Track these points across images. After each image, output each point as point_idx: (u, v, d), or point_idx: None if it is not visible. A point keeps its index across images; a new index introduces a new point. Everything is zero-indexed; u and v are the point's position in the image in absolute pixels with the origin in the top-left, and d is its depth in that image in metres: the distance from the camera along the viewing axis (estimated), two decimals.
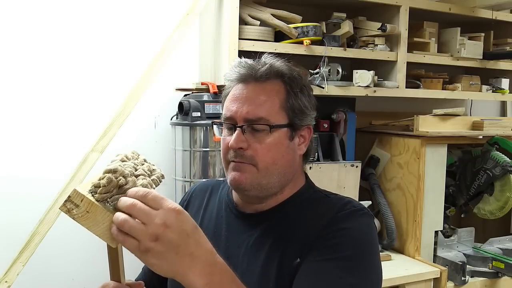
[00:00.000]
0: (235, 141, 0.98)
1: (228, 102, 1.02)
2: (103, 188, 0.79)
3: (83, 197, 0.78)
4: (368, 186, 2.35)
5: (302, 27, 2.03)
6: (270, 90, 1.01)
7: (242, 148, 0.98)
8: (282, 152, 1.01)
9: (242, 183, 0.99)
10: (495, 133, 2.34)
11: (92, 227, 0.79)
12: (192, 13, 1.96)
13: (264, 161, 0.99)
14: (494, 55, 2.58)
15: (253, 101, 0.99)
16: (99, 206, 0.78)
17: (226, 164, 1.03)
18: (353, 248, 0.93)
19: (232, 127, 1.01)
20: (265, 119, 0.99)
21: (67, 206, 0.79)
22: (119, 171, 0.82)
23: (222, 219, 1.10)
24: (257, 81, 1.01)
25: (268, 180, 1.00)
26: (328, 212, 0.99)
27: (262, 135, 0.99)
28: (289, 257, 0.97)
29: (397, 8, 2.23)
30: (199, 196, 1.20)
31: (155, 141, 2.14)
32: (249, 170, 0.99)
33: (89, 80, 2.03)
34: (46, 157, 1.98)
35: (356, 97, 2.35)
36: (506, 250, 2.36)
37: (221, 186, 1.19)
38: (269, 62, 1.03)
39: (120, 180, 0.81)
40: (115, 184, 0.80)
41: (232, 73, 1.04)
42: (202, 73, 2.17)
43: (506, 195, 2.26)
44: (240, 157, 0.99)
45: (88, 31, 2.01)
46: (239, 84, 1.03)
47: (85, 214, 0.78)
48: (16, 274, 1.71)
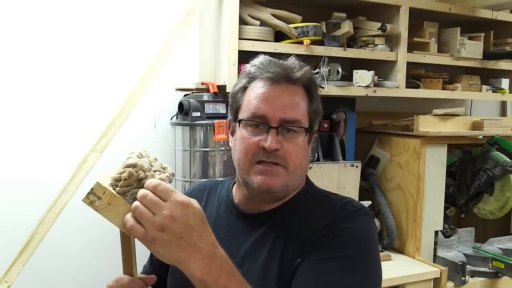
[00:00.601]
0: (273, 142, 0.97)
1: (258, 101, 1.00)
2: (124, 182, 0.83)
3: (106, 189, 0.81)
4: (368, 186, 2.35)
5: (302, 27, 2.03)
6: (299, 93, 1.02)
7: (277, 150, 0.97)
8: (305, 155, 1.04)
9: (274, 187, 0.99)
10: (495, 133, 2.34)
11: (113, 218, 0.82)
12: (192, 13, 1.96)
13: (294, 163, 0.99)
14: (494, 55, 2.58)
15: (289, 103, 0.99)
16: (121, 198, 0.82)
17: (250, 165, 0.99)
18: (353, 248, 0.93)
19: (263, 126, 0.99)
20: (300, 121, 1.00)
21: (90, 198, 0.81)
22: (139, 166, 0.85)
23: (222, 219, 1.10)
24: (288, 83, 1.01)
25: (294, 182, 1.02)
26: (329, 212, 0.99)
27: (294, 137, 1.00)
28: (290, 256, 0.97)
29: (397, 8, 2.23)
30: (196, 196, 1.18)
31: (155, 141, 2.14)
32: (280, 172, 0.99)
33: (89, 80, 2.03)
34: (46, 157, 1.98)
35: (356, 97, 2.35)
36: (506, 250, 2.36)
37: (219, 186, 1.19)
38: (304, 67, 1.04)
39: (140, 174, 0.84)
40: (135, 178, 0.84)
41: (261, 70, 1.02)
42: (202, 73, 2.17)
43: (506, 195, 2.26)
44: (273, 158, 0.98)
45: (88, 31, 2.01)
46: (268, 82, 1.01)
47: (107, 206, 0.81)
48: (16, 274, 1.71)
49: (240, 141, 1.01)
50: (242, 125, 1.01)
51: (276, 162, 0.98)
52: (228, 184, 1.17)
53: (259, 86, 1.01)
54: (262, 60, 1.04)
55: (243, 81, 1.05)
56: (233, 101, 1.06)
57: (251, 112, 1.00)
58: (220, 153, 1.92)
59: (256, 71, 1.03)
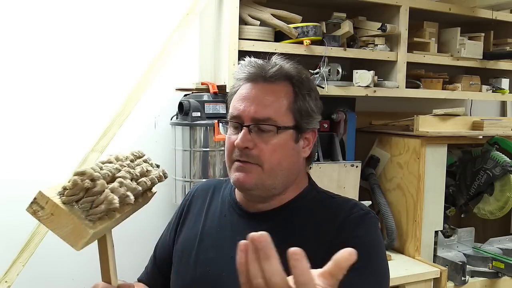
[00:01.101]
0: (242, 140, 0.98)
1: (236, 101, 1.02)
2: (69, 191, 0.80)
3: (48, 199, 0.79)
4: (368, 186, 2.35)
5: (302, 27, 2.03)
6: (279, 91, 1.01)
7: (248, 148, 0.98)
8: (287, 154, 1.01)
9: (246, 184, 0.99)
10: (495, 133, 2.34)
11: (56, 229, 0.79)
12: (192, 13, 1.96)
13: (269, 161, 0.99)
14: (494, 55, 2.58)
15: (261, 101, 0.99)
16: (64, 209, 0.79)
17: (230, 163, 1.02)
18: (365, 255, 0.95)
19: (239, 126, 1.00)
20: (273, 119, 0.99)
21: (33, 208, 0.79)
22: (88, 174, 0.82)
23: (226, 218, 1.10)
24: (265, 82, 1.01)
25: (273, 181, 1.01)
26: (337, 216, 1.00)
27: (268, 135, 0.99)
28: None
29: (397, 8, 2.23)
30: (201, 196, 1.20)
31: (155, 141, 2.14)
32: (254, 170, 0.99)
33: (89, 80, 2.03)
34: (46, 157, 1.98)
35: (356, 97, 2.34)
36: (506, 250, 2.36)
37: (223, 185, 1.19)
38: (279, 63, 1.03)
39: (86, 183, 0.81)
40: (81, 187, 0.81)
41: (241, 72, 1.04)
42: (202, 73, 2.17)
43: (506, 195, 2.26)
44: (245, 157, 0.99)
45: (88, 31, 2.01)
46: (248, 83, 1.02)
47: (49, 216, 0.79)
48: (16, 274, 1.71)
49: (225, 141, 1.05)
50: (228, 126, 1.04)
51: (249, 161, 0.98)
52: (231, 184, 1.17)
53: (242, 87, 1.03)
54: (244, 62, 1.06)
55: (235, 85, 1.07)
56: (228, 105, 1.09)
57: (230, 113, 1.03)
58: (220, 153, 1.92)
59: (238, 74, 1.05)
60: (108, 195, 0.82)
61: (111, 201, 0.82)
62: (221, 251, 1.05)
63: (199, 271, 1.06)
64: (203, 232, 1.11)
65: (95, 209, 0.81)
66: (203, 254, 1.07)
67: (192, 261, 1.09)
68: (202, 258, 1.07)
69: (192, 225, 1.15)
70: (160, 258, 1.20)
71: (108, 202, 0.81)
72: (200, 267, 1.06)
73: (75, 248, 0.81)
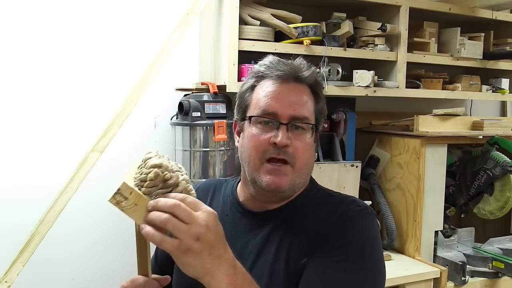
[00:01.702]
0: (284, 137, 0.98)
1: (268, 98, 1.01)
2: (150, 182, 0.82)
3: (132, 190, 0.81)
4: (368, 186, 2.35)
5: (302, 27, 2.03)
6: (308, 92, 1.05)
7: (287, 146, 0.99)
8: (312, 153, 1.05)
9: (282, 186, 1.00)
10: (495, 133, 2.34)
11: (139, 219, 0.81)
12: (192, 13, 1.96)
13: (301, 160, 1.01)
14: (494, 55, 2.58)
15: (298, 101, 1.02)
16: (147, 199, 0.81)
17: (260, 163, 1.01)
18: (358, 250, 0.96)
19: (274, 123, 1.00)
20: (308, 119, 1.02)
21: (116, 198, 0.80)
22: (164, 166, 0.85)
23: (228, 217, 1.11)
24: (296, 82, 1.04)
25: (300, 180, 1.03)
26: (334, 212, 1.01)
27: (301, 134, 1.02)
28: (296, 255, 0.98)
29: (397, 8, 2.23)
30: (201, 195, 1.19)
31: (155, 141, 2.14)
32: (288, 171, 1.00)
33: (89, 80, 2.03)
34: (46, 157, 1.98)
35: (356, 97, 2.35)
36: (506, 250, 2.36)
37: (223, 185, 1.20)
38: (311, 67, 1.07)
39: (166, 174, 0.84)
40: (161, 179, 0.83)
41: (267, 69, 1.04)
42: (202, 73, 2.17)
43: (506, 195, 2.26)
44: (283, 154, 0.99)
45: (88, 31, 2.01)
46: (277, 81, 1.03)
47: (133, 206, 0.80)
48: (16, 274, 1.71)
49: (249, 139, 1.02)
50: (252, 123, 1.02)
51: (285, 158, 0.99)
52: (232, 183, 1.18)
53: (268, 84, 1.03)
54: (272, 60, 1.07)
55: (251, 81, 1.06)
56: (241, 101, 1.07)
57: (261, 109, 1.01)
58: (220, 153, 1.92)
59: (266, 70, 1.05)
60: (186, 185, 0.85)
61: (190, 191, 0.85)
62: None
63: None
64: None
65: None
66: None
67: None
68: None
69: None
70: (161, 257, 1.20)
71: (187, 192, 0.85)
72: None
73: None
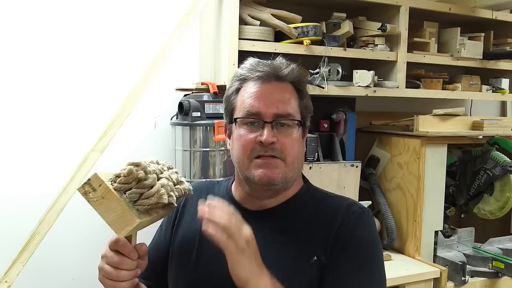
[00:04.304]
0: (269, 135, 1.01)
1: (250, 99, 1.05)
2: (123, 178, 0.83)
3: (102, 182, 0.81)
4: (368, 186, 2.35)
5: (302, 27, 2.03)
6: (289, 90, 1.07)
7: (273, 143, 1.02)
8: (300, 147, 1.08)
9: (274, 178, 1.03)
10: (495, 133, 2.34)
11: (104, 213, 0.81)
12: (192, 13, 1.96)
13: (291, 155, 1.04)
14: (494, 55, 2.58)
15: (280, 98, 1.05)
16: (115, 194, 0.81)
17: (249, 161, 1.04)
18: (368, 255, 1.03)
19: (258, 123, 1.03)
20: (293, 115, 1.05)
21: (85, 188, 0.81)
22: (142, 166, 0.85)
23: None
24: (278, 81, 1.07)
25: (293, 174, 1.06)
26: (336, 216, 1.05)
27: (288, 130, 1.05)
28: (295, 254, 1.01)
29: (397, 8, 2.23)
30: (195, 196, 1.20)
31: (155, 141, 2.14)
32: (279, 164, 1.03)
33: (89, 80, 2.03)
34: (46, 157, 1.98)
35: (356, 97, 2.34)
36: (506, 250, 2.36)
37: (215, 187, 1.21)
38: (290, 64, 1.09)
39: (140, 173, 0.84)
40: (134, 177, 0.84)
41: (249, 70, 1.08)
42: (202, 73, 2.17)
43: (506, 195, 2.26)
44: (271, 151, 1.02)
45: (88, 31, 2.01)
46: (259, 82, 1.06)
47: (100, 199, 0.81)
48: (16, 274, 1.71)
49: (237, 140, 1.06)
50: (238, 124, 1.06)
51: (274, 155, 1.03)
52: (226, 184, 1.19)
53: (251, 86, 1.06)
54: (252, 62, 1.10)
55: (236, 84, 1.10)
56: (227, 104, 1.11)
57: (245, 110, 1.05)
58: (220, 153, 1.92)
59: (247, 72, 1.08)
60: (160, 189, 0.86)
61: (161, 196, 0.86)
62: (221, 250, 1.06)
63: (202, 270, 1.08)
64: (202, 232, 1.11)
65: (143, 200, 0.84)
66: (205, 253, 1.09)
67: (193, 260, 1.10)
68: (204, 257, 1.09)
69: (189, 224, 1.16)
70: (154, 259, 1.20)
71: (159, 196, 0.85)
72: (203, 266, 1.08)
73: (119, 235, 0.83)
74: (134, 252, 0.93)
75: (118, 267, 0.93)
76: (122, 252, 0.93)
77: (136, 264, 0.95)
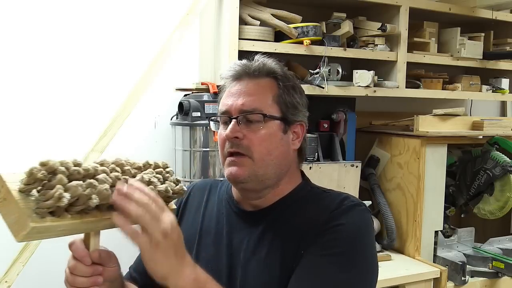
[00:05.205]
0: (231, 130, 1.01)
1: (224, 98, 1.07)
2: (25, 179, 0.79)
3: (4, 183, 0.77)
4: (368, 186, 2.35)
5: (302, 27, 2.03)
6: (264, 85, 1.06)
7: (237, 137, 1.01)
8: (276, 144, 1.04)
9: (239, 176, 1.01)
10: (495, 133, 2.34)
11: (5, 215, 0.77)
12: (192, 13, 1.97)
13: (259, 151, 1.01)
14: (494, 55, 2.58)
15: (247, 94, 1.04)
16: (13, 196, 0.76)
17: (223, 158, 1.05)
18: (347, 244, 0.96)
19: (228, 120, 1.03)
20: (259, 109, 1.02)
21: None
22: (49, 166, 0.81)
23: (223, 216, 1.11)
24: (250, 77, 1.06)
25: (264, 171, 1.02)
26: (327, 208, 1.01)
27: (256, 126, 1.02)
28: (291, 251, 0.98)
29: (397, 8, 2.23)
30: (197, 195, 1.21)
31: (155, 141, 2.14)
32: (245, 163, 1.01)
33: (89, 80, 2.03)
34: (46, 157, 1.97)
35: (356, 97, 2.34)
36: (506, 250, 2.36)
37: (219, 185, 1.21)
38: (261, 60, 1.08)
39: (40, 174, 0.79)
40: (34, 178, 0.79)
41: (227, 72, 1.09)
42: (202, 73, 2.17)
43: (506, 195, 2.26)
44: (236, 147, 1.01)
45: (88, 31, 2.01)
46: (234, 81, 1.07)
47: (2, 200, 0.77)
48: (16, 274, 1.71)
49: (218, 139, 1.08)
50: (219, 125, 1.08)
51: (239, 151, 1.01)
52: (228, 183, 1.18)
53: (228, 86, 1.08)
54: (231, 64, 1.11)
55: (221, 87, 1.11)
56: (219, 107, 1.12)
57: (219, 109, 1.08)
58: None
59: (226, 74, 1.09)
60: (57, 191, 0.78)
61: (58, 198, 0.78)
62: (219, 248, 1.07)
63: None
64: (202, 230, 1.12)
65: (42, 203, 0.78)
66: (204, 252, 1.09)
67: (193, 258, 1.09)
68: (203, 256, 1.08)
69: (190, 223, 1.16)
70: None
71: (55, 199, 0.78)
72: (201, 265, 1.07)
73: (15, 239, 0.76)
74: (87, 257, 0.90)
75: (72, 272, 0.91)
76: (75, 256, 0.91)
77: (92, 271, 0.91)
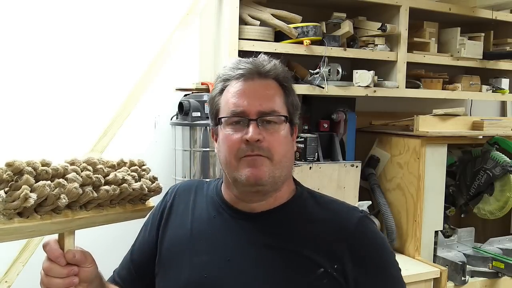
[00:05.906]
0: (254, 133, 0.97)
1: (235, 98, 1.01)
2: None
3: None
4: (368, 186, 2.35)
5: (302, 27, 2.03)
6: (273, 86, 1.04)
7: (259, 140, 0.98)
8: (289, 145, 1.05)
9: (261, 177, 0.98)
10: (495, 133, 2.34)
11: None
12: (192, 13, 1.97)
13: (278, 153, 1.00)
14: (494, 55, 2.58)
15: (264, 95, 1.01)
16: None
17: (236, 161, 1.00)
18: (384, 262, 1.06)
19: (244, 121, 1.00)
20: (277, 111, 1.01)
21: None
22: (15, 167, 0.81)
23: (216, 220, 1.07)
24: (261, 78, 1.03)
25: (281, 173, 1.01)
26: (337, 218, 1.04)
27: (274, 128, 1.01)
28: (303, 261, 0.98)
29: (397, 8, 2.23)
30: (183, 196, 1.16)
31: (155, 141, 2.14)
32: (265, 163, 0.99)
33: (89, 80, 2.03)
34: (46, 157, 1.97)
35: (356, 97, 2.34)
36: (506, 250, 2.36)
37: (204, 186, 1.17)
38: (272, 61, 1.06)
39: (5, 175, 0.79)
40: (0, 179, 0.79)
41: (230, 70, 1.05)
42: (202, 73, 2.17)
43: (506, 195, 2.26)
44: (257, 150, 0.98)
45: (88, 31, 2.01)
46: (241, 80, 1.03)
47: None
48: (16, 274, 1.71)
49: (223, 141, 1.02)
50: (223, 125, 1.02)
51: (260, 154, 0.99)
52: (215, 184, 1.15)
53: (234, 85, 1.03)
54: (233, 61, 1.08)
55: (219, 85, 1.06)
56: (212, 106, 1.07)
57: (230, 110, 1.01)
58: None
59: (229, 71, 1.05)
60: (23, 192, 0.78)
61: (24, 199, 0.78)
62: (216, 255, 1.02)
63: (195, 276, 1.02)
64: (193, 234, 1.08)
65: (9, 204, 0.77)
66: (197, 258, 1.04)
67: (185, 264, 1.05)
68: (196, 262, 1.03)
69: (178, 225, 1.11)
70: (138, 261, 1.16)
71: (21, 199, 0.77)
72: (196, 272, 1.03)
73: None
74: (62, 258, 0.90)
75: (47, 273, 0.91)
76: (49, 257, 0.90)
77: (67, 272, 0.91)
